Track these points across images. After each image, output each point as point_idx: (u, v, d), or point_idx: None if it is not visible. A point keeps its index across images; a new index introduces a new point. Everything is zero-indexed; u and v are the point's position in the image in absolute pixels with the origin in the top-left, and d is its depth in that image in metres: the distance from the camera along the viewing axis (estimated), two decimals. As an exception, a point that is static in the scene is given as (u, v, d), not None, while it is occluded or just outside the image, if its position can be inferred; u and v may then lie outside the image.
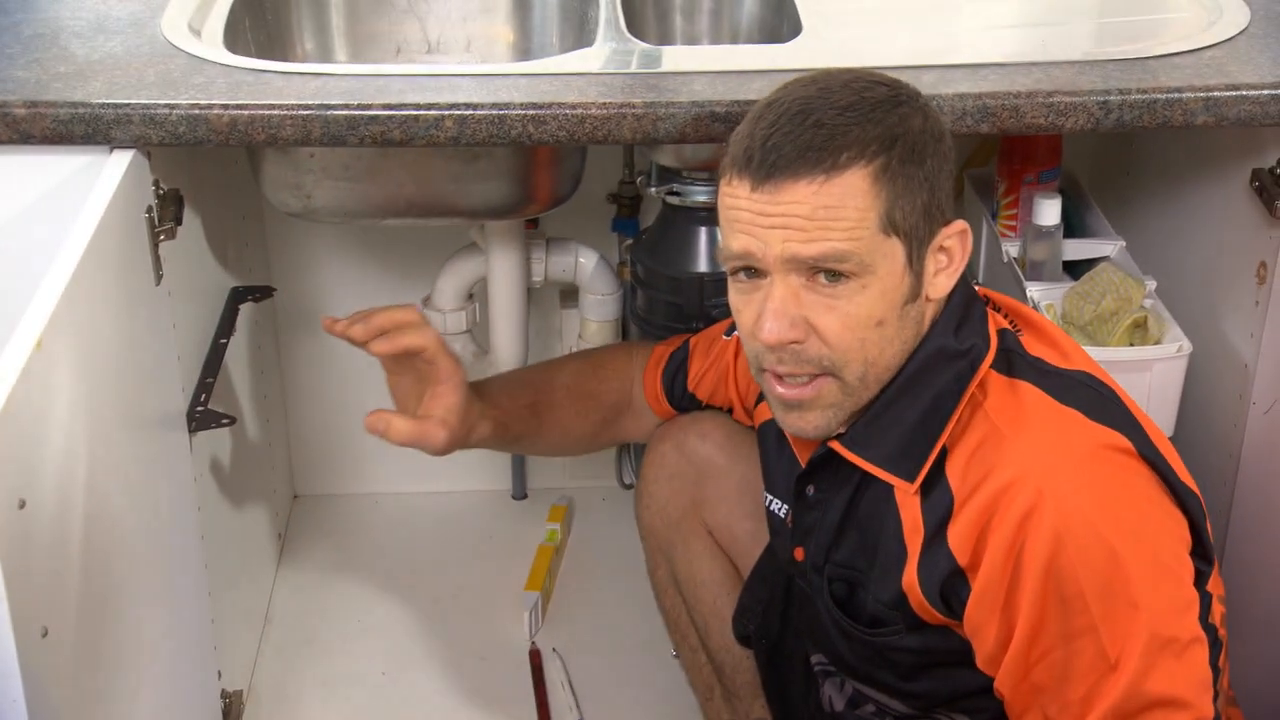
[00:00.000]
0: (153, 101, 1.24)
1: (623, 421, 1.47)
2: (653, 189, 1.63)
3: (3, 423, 0.90)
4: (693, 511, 1.44)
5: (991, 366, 1.09)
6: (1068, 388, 1.08)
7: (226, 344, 1.49)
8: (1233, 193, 1.41)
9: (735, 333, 1.38)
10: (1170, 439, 1.45)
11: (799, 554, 1.21)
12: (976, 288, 1.17)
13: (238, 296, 1.58)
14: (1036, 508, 1.00)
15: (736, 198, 1.05)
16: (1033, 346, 1.12)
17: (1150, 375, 1.41)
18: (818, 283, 1.04)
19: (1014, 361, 1.10)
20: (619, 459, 1.94)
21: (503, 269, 1.65)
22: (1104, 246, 1.55)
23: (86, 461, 1.06)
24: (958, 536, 1.05)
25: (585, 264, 1.70)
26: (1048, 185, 1.57)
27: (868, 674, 1.21)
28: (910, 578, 1.08)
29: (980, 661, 1.07)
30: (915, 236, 1.05)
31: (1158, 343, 1.42)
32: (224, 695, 1.51)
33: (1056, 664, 1.02)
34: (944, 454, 1.07)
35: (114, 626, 1.13)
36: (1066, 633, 1.01)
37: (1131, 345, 1.43)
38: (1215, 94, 1.27)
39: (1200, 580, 1.06)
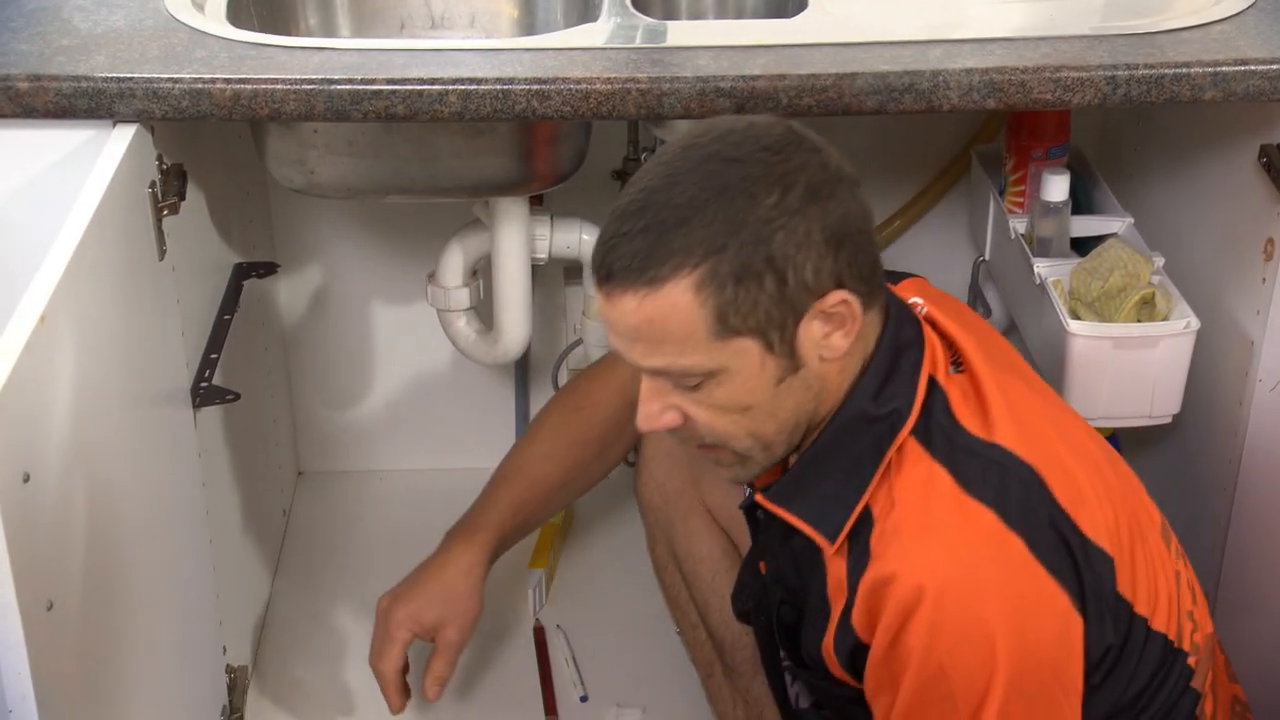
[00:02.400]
0: (156, 75, 1.23)
1: (627, 433, 1.43)
2: (657, 165, 1.62)
3: (6, 397, 0.90)
4: (691, 489, 1.44)
5: (913, 432, 1.04)
6: (982, 473, 1.02)
7: (230, 320, 1.49)
8: (1241, 169, 1.40)
9: None
10: (1175, 416, 1.45)
11: (762, 567, 1.21)
12: (925, 309, 1.11)
13: (241, 273, 1.57)
14: (921, 604, 0.98)
15: (598, 297, 1.02)
16: (961, 408, 1.05)
17: (1157, 352, 1.40)
18: (678, 381, 1.02)
19: (933, 434, 1.04)
20: (623, 436, 1.94)
21: (507, 246, 1.64)
22: (1112, 223, 1.55)
23: (90, 436, 1.06)
24: (860, 615, 1.03)
25: (589, 241, 1.69)
26: (1056, 161, 1.56)
27: (816, 698, 1.23)
28: (828, 641, 1.07)
29: None
30: (768, 326, 0.99)
31: (1165, 319, 1.42)
32: (229, 670, 1.51)
33: None
34: (870, 520, 1.04)
35: (118, 601, 1.13)
36: None
37: (1139, 321, 1.42)
38: (1223, 69, 1.26)
39: (1128, 640, 1.06)
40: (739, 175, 0.98)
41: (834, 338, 1.02)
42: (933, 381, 1.06)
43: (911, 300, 1.12)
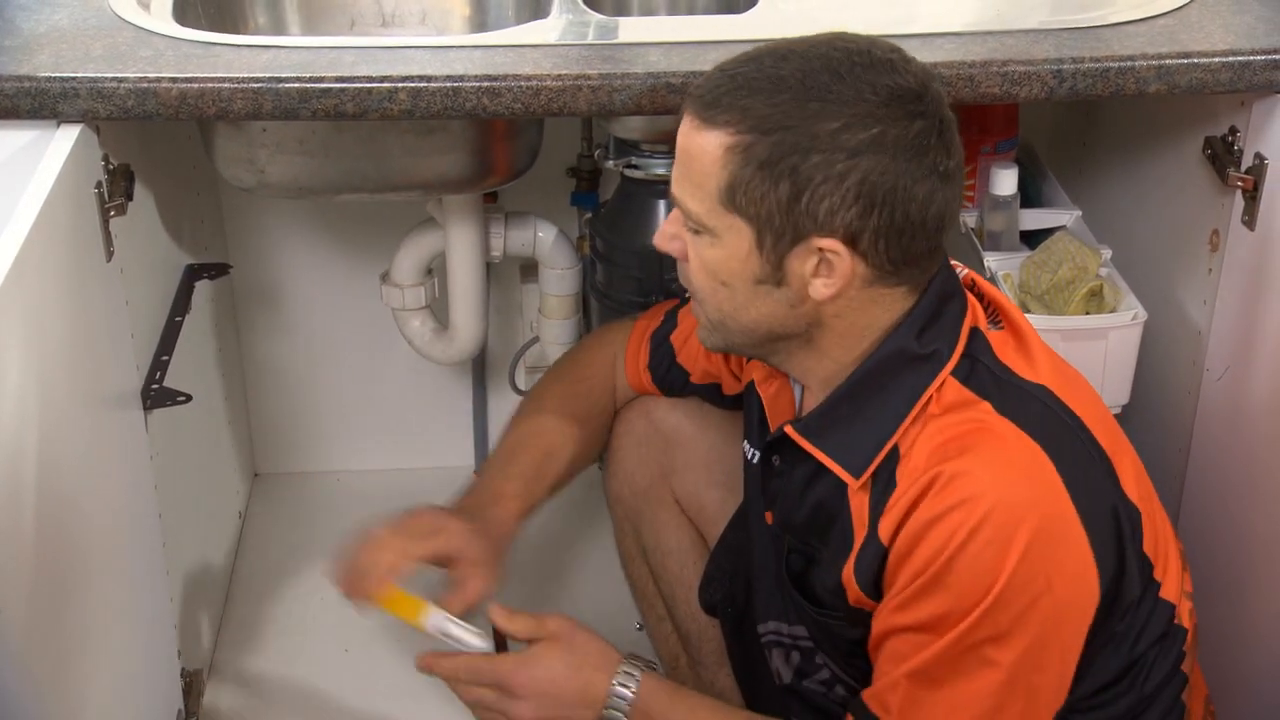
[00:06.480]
0: (100, 75, 1.22)
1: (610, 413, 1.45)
2: (611, 162, 1.62)
3: (-51, 401, 0.89)
4: (661, 480, 1.44)
5: (954, 374, 1.06)
6: (1024, 406, 1.05)
7: (182, 321, 1.47)
8: (1186, 161, 1.42)
9: None
10: (1125, 406, 1.47)
11: (769, 517, 1.22)
12: (964, 272, 1.15)
13: (193, 274, 1.56)
14: (967, 503, 1.00)
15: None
16: (1004, 352, 1.09)
17: (1106, 343, 1.42)
18: (685, 221, 1.07)
19: (977, 373, 1.07)
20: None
21: (461, 244, 1.64)
22: (1060, 216, 1.56)
23: (38, 440, 1.05)
24: (887, 522, 1.05)
25: (544, 238, 1.69)
26: (1005, 155, 1.57)
27: (820, 646, 1.22)
28: (849, 571, 1.08)
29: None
30: (766, 226, 1.02)
31: (1113, 311, 1.43)
32: (184, 674, 1.50)
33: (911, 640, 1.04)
34: (896, 456, 1.06)
35: (71, 606, 1.12)
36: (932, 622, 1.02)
37: (1087, 313, 1.44)
38: (1167, 62, 1.27)
39: (1142, 601, 1.09)
40: (834, 88, 1.00)
41: (818, 282, 1.04)
42: (975, 330, 1.09)
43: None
